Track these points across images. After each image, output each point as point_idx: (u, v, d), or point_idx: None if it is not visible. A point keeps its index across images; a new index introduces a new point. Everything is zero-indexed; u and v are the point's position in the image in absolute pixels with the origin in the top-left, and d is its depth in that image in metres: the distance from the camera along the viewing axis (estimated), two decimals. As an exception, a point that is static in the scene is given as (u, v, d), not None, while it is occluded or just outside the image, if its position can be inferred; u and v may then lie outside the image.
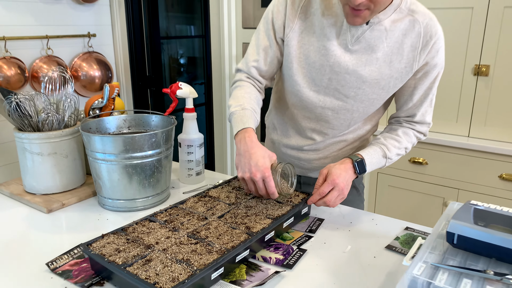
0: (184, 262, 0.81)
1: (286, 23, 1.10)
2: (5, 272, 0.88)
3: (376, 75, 1.07)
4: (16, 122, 1.21)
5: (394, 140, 1.14)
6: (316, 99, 1.13)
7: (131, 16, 2.89)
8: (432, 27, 1.05)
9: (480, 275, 0.67)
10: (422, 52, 1.05)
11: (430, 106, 1.15)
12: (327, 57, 1.08)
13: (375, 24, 1.04)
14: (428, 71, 1.08)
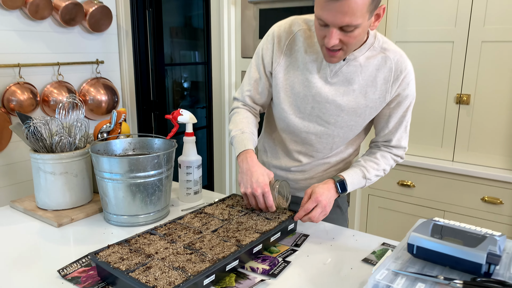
0: (180, 269, 0.92)
1: (273, 58, 1.25)
2: (20, 278, 0.99)
3: (353, 105, 1.20)
4: (33, 144, 1.34)
5: (373, 163, 1.26)
6: (301, 124, 1.26)
7: (137, 44, 3.07)
8: (402, 63, 1.18)
9: (432, 280, 0.77)
10: (393, 84, 1.18)
11: (405, 132, 1.27)
12: (310, 88, 1.21)
13: (351, 60, 1.17)
14: (400, 101, 1.21)
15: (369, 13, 1.03)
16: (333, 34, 1.04)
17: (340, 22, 1.01)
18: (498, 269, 0.82)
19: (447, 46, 2.02)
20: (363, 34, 1.08)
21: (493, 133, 1.98)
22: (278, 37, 1.24)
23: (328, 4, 1.00)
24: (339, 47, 1.08)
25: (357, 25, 1.02)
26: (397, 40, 2.14)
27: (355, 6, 0.98)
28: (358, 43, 1.11)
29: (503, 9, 1.86)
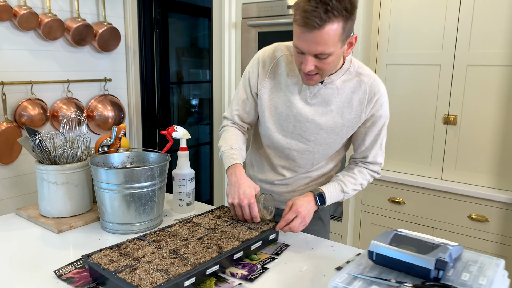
0: (163, 271, 1.01)
1: (258, 81, 1.36)
2: (21, 277, 1.09)
3: (331, 124, 1.30)
4: (38, 156, 1.46)
5: (351, 177, 1.35)
6: (284, 141, 1.36)
7: (144, 63, 3.22)
8: (375, 86, 1.28)
9: (386, 283, 0.85)
10: (368, 105, 1.28)
11: (380, 149, 1.36)
12: (292, 109, 1.31)
13: (329, 83, 1.28)
14: (375, 121, 1.31)
15: (341, 42, 1.13)
16: (308, 61, 1.15)
17: (314, 50, 1.12)
18: (450, 275, 0.89)
19: (434, 69, 2.11)
20: (336, 60, 1.18)
21: (479, 153, 2.05)
22: (263, 61, 1.36)
23: (304, 35, 1.10)
24: (315, 72, 1.19)
25: (330, 53, 1.12)
26: (388, 63, 2.24)
27: (327, 37, 1.08)
28: (332, 69, 1.21)
29: (486, 35, 1.96)
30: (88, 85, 2.98)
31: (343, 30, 1.10)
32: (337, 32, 1.09)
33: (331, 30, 1.08)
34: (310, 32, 1.09)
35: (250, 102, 1.40)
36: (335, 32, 1.09)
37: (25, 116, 2.57)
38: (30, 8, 2.50)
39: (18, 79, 2.57)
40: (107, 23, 2.93)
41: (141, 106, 3.28)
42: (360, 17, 2.15)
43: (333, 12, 1.06)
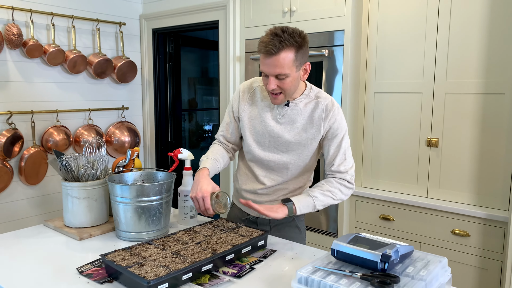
0: (165, 267, 1.23)
1: (239, 107, 1.68)
2: (50, 274, 1.32)
3: (298, 138, 1.59)
4: (64, 175, 1.71)
5: (318, 187, 1.57)
6: (263, 154, 1.64)
7: (158, 93, 3.51)
8: (330, 105, 1.58)
9: (341, 273, 1.05)
10: (325, 121, 1.57)
11: (344, 159, 1.59)
12: (266, 127, 1.62)
13: (293, 106, 1.59)
14: (333, 133, 1.58)
15: (295, 67, 1.45)
16: (271, 81, 1.47)
17: (274, 72, 1.45)
18: (397, 269, 1.09)
19: (417, 96, 2.32)
20: (294, 82, 1.49)
21: (459, 172, 2.23)
22: (243, 91, 1.69)
23: (265, 60, 1.45)
24: (279, 91, 1.50)
25: (286, 74, 1.44)
26: (375, 91, 2.47)
27: (282, 61, 1.42)
28: (293, 89, 1.51)
29: (460, 67, 2.17)
30: (107, 113, 3.27)
31: (295, 57, 1.43)
32: (290, 58, 1.43)
33: (285, 56, 1.42)
34: (270, 58, 1.43)
35: (233, 124, 1.71)
36: (289, 58, 1.42)
37: (51, 141, 2.86)
38: (58, 46, 2.82)
39: (45, 108, 2.88)
40: (125, 57, 3.25)
41: (155, 132, 3.55)
42: (349, 50, 2.39)
43: (285, 42, 1.41)
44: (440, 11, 2.21)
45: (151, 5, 3.39)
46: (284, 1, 2.60)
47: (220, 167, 1.66)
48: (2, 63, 2.66)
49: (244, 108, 1.67)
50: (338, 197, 1.58)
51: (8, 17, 2.65)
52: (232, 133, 1.72)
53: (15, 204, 2.78)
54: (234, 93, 1.73)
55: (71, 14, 2.94)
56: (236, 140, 1.74)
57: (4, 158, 2.65)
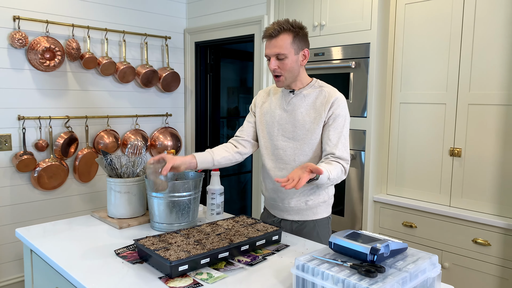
0: (187, 251, 1.42)
1: (256, 103, 1.91)
2: (93, 254, 1.55)
3: (302, 122, 1.74)
4: (108, 172, 1.96)
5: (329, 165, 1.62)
6: (271, 143, 1.81)
7: (199, 101, 3.77)
8: (333, 93, 1.72)
9: (334, 262, 1.19)
10: (326, 106, 1.71)
11: (343, 146, 1.69)
12: (274, 116, 1.82)
13: (298, 94, 1.77)
14: (335, 119, 1.70)
15: (294, 49, 1.67)
16: (272, 61, 1.69)
17: (273, 52, 1.67)
18: (387, 262, 1.21)
19: (440, 107, 2.39)
20: (293, 64, 1.68)
21: (482, 182, 2.26)
22: (259, 93, 1.96)
23: (267, 44, 1.69)
24: (279, 72, 1.70)
25: (285, 54, 1.65)
26: (401, 102, 2.55)
27: (281, 42, 1.66)
28: (292, 71, 1.70)
29: (483, 78, 2.22)
30: (152, 119, 3.57)
31: (293, 40, 1.66)
32: (288, 41, 1.66)
33: (283, 38, 1.66)
34: (270, 40, 1.68)
35: (251, 119, 1.92)
36: (287, 40, 1.66)
37: (102, 144, 3.18)
38: (110, 58, 3.15)
39: (98, 114, 3.20)
40: (170, 69, 3.53)
41: (195, 137, 3.81)
42: (375, 62, 2.50)
43: (283, 26, 1.66)
44: (464, 23, 2.28)
45: (194, 20, 3.67)
46: (314, 16, 2.76)
47: (213, 160, 1.78)
48: (63, 73, 3.01)
49: (259, 104, 1.89)
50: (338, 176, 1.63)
51: (69, 33, 3.00)
52: (249, 128, 1.90)
53: (69, 199, 3.11)
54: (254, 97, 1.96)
55: (123, 30, 3.27)
56: (251, 134, 1.89)
57: (61, 158, 2.99)
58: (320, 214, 1.81)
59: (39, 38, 2.82)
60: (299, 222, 1.82)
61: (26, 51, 2.82)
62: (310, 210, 1.80)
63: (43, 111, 2.94)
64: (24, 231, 1.79)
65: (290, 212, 1.81)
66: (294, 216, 1.82)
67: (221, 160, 1.81)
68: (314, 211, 1.80)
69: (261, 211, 3.28)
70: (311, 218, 1.80)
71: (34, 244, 1.65)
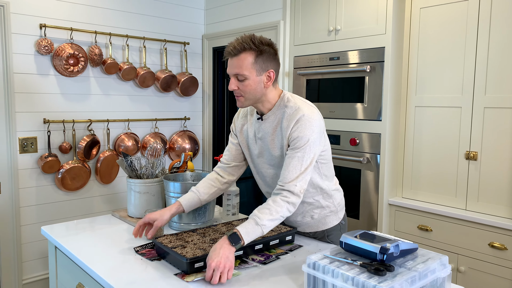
0: (203, 250, 1.47)
1: (236, 126, 1.79)
2: (114, 251, 1.62)
3: (273, 149, 1.63)
4: (129, 173, 2.04)
5: (266, 209, 1.47)
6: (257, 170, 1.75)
7: (217, 105, 3.84)
8: (294, 113, 1.55)
9: (344, 261, 1.23)
10: (288, 127, 1.55)
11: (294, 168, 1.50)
12: (253, 144, 1.71)
13: (266, 119, 1.63)
14: (295, 142, 1.53)
15: (255, 70, 1.51)
16: (231, 81, 1.55)
17: (232, 71, 1.53)
18: (397, 261, 1.23)
19: (456, 110, 2.39)
20: (255, 86, 1.53)
21: (498, 186, 2.25)
22: (237, 113, 1.82)
23: (228, 62, 1.56)
24: (239, 93, 1.56)
25: (245, 75, 1.51)
26: (416, 105, 2.56)
27: (241, 62, 1.50)
28: (254, 93, 1.55)
29: (499, 81, 2.21)
30: (171, 122, 3.65)
31: (254, 60, 1.51)
32: (249, 61, 1.50)
33: (243, 58, 1.50)
34: (231, 59, 1.54)
35: (235, 142, 1.80)
36: (247, 60, 1.50)
37: (122, 146, 3.28)
38: (131, 64, 3.25)
39: (119, 117, 3.31)
40: (188, 73, 3.61)
41: (213, 140, 3.88)
42: (390, 66, 2.52)
43: (245, 45, 1.50)
44: (479, 26, 2.28)
45: (212, 26, 3.75)
46: (329, 21, 2.80)
47: (201, 198, 1.73)
48: (86, 78, 3.13)
49: (239, 128, 1.77)
50: (285, 216, 1.51)
51: (92, 40, 3.11)
52: (234, 152, 1.78)
53: (91, 199, 3.22)
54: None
55: (143, 36, 3.37)
56: (238, 157, 1.79)
57: (84, 160, 3.10)
58: (330, 223, 1.77)
59: (64, 45, 2.94)
60: (310, 233, 1.81)
61: (52, 57, 2.94)
62: (319, 222, 1.77)
63: (67, 115, 3.05)
64: (49, 229, 1.88)
65: (299, 227, 1.80)
66: (304, 229, 1.80)
67: (208, 198, 1.76)
68: (323, 222, 1.77)
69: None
70: (321, 229, 1.78)
71: (58, 241, 1.73)
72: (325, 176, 1.71)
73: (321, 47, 2.86)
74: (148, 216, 1.66)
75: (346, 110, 2.75)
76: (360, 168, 2.70)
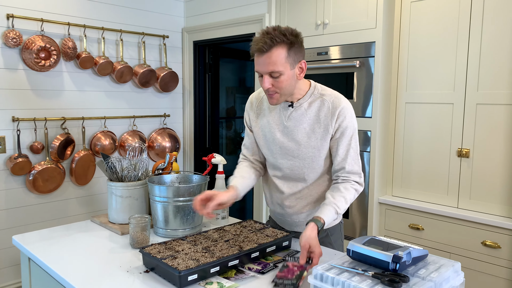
0: (195, 260, 1.35)
1: (250, 118, 1.70)
2: (96, 263, 1.48)
3: (306, 139, 1.55)
4: (109, 175, 1.89)
5: (341, 197, 1.49)
6: (277, 162, 1.64)
7: (198, 101, 3.70)
8: (336, 102, 1.52)
9: (354, 271, 1.13)
10: (332, 119, 1.51)
11: (354, 159, 1.54)
12: (274, 134, 1.60)
13: (297, 107, 1.55)
14: (343, 132, 1.52)
15: (289, 64, 1.43)
16: (265, 80, 1.44)
17: (267, 69, 1.42)
18: (410, 270, 1.15)
19: (448, 107, 2.34)
20: (290, 81, 1.45)
21: (491, 183, 2.22)
22: (251, 102, 1.71)
23: (258, 59, 1.44)
24: (274, 90, 1.47)
25: (280, 71, 1.41)
26: (407, 102, 2.50)
27: (274, 58, 1.40)
28: (289, 88, 1.47)
29: (492, 77, 2.18)
30: (150, 120, 3.49)
31: (287, 54, 1.42)
32: (282, 55, 1.41)
33: (276, 53, 1.40)
34: (262, 55, 1.41)
35: (251, 136, 1.71)
36: (280, 54, 1.40)
37: (99, 145, 3.09)
38: (107, 58, 3.07)
39: (95, 115, 3.12)
40: (168, 68, 3.45)
41: (194, 138, 3.74)
42: (380, 61, 2.45)
43: (276, 39, 1.39)
44: (471, 21, 2.23)
45: (192, 19, 3.59)
46: (317, 14, 2.70)
47: (249, 183, 1.65)
48: (58, 73, 2.92)
49: (254, 118, 1.68)
50: (355, 198, 1.55)
51: (65, 32, 2.91)
52: (253, 146, 1.72)
53: (66, 202, 3.03)
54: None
55: (120, 29, 3.19)
56: (256, 152, 1.73)
57: (57, 160, 2.90)
58: (333, 222, 1.70)
59: (33, 37, 2.74)
60: None
61: (21, 50, 2.73)
62: None
63: (39, 112, 2.85)
64: (21, 238, 1.72)
65: (301, 226, 1.71)
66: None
67: (254, 180, 1.68)
68: None
69: (262, 212, 3.22)
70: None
71: (33, 253, 1.57)
72: None
73: (308, 42, 2.76)
74: (208, 192, 1.51)
75: (335, 106, 2.66)
76: (349, 166, 2.62)
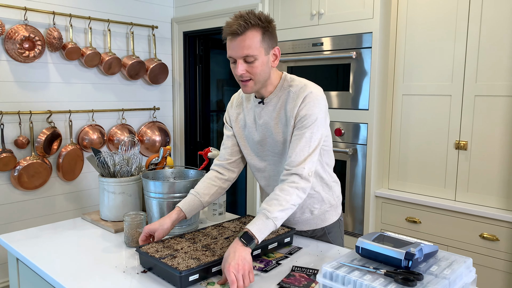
0: (196, 259, 1.29)
1: (230, 117, 1.63)
2: (89, 263, 1.41)
3: (279, 135, 1.47)
4: (101, 171, 1.81)
5: (274, 200, 1.34)
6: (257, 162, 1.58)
7: (188, 94, 3.61)
8: (301, 91, 1.42)
9: (365, 269, 1.09)
10: (294, 107, 1.42)
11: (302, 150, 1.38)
12: (252, 132, 1.54)
13: (268, 103, 1.48)
14: (301, 120, 1.40)
15: (264, 49, 1.36)
16: (239, 65, 1.36)
17: (241, 53, 1.34)
18: (421, 267, 1.11)
19: (445, 99, 2.31)
20: (264, 67, 1.39)
21: (489, 176, 2.21)
22: (231, 101, 1.65)
23: (231, 43, 1.35)
24: (248, 77, 1.39)
25: (255, 55, 1.35)
26: (404, 93, 2.47)
27: (249, 41, 1.33)
28: (263, 74, 1.40)
29: (491, 68, 2.15)
30: (139, 113, 3.39)
31: (262, 37, 1.35)
32: (257, 38, 1.34)
33: (251, 35, 1.33)
34: (235, 38, 1.34)
35: (231, 136, 1.63)
36: (255, 37, 1.34)
37: (86, 140, 2.99)
38: (94, 49, 2.95)
39: (82, 108, 3.01)
40: (157, 60, 3.35)
41: (185, 132, 3.65)
42: (377, 52, 2.41)
43: (250, 21, 1.32)
44: (470, 12, 2.20)
45: (182, 9, 3.49)
46: (312, 4, 2.64)
47: (203, 200, 1.56)
48: (43, 65, 2.81)
49: (234, 118, 1.62)
50: (297, 204, 1.38)
51: (50, 22, 2.79)
52: (233, 146, 1.63)
53: (53, 198, 2.92)
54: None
55: (107, 18, 3.07)
56: (235, 151, 1.64)
57: (44, 155, 2.80)
58: (330, 220, 1.65)
59: (16, 26, 2.61)
60: (309, 231, 1.67)
61: (3, 40, 2.61)
62: (318, 218, 1.63)
63: (23, 105, 2.73)
64: (8, 237, 1.63)
65: (297, 224, 1.66)
66: (302, 227, 1.66)
67: (209, 199, 1.58)
68: (322, 218, 1.63)
69: (256, 207, 3.16)
70: (320, 226, 1.64)
71: (21, 253, 1.49)
72: (327, 165, 1.59)
73: (303, 32, 2.70)
74: (147, 228, 1.46)
75: (331, 99, 2.62)
76: (345, 160, 2.59)
